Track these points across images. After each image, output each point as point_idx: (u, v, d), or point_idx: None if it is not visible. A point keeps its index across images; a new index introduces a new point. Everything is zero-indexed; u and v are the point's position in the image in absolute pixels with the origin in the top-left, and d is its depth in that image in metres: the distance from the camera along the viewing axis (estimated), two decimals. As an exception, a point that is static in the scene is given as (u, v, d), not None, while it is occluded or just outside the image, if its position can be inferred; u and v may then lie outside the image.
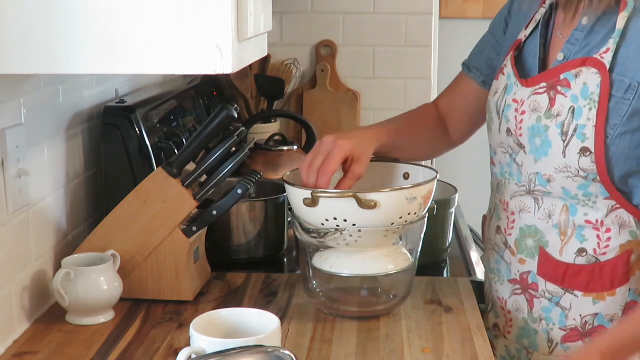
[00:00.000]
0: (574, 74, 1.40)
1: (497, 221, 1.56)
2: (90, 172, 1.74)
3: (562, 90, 1.41)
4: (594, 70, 1.38)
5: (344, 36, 2.72)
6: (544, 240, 1.47)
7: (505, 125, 1.50)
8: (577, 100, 1.39)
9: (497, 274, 1.58)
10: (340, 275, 1.48)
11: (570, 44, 1.44)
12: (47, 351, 1.36)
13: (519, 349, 1.55)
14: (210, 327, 1.20)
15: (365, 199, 1.39)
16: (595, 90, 1.37)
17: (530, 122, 1.45)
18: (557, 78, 1.42)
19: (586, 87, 1.38)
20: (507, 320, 1.57)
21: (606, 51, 1.37)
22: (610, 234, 1.42)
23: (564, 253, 1.45)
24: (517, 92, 1.49)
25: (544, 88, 1.44)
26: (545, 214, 1.46)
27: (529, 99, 1.46)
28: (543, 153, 1.43)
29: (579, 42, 1.43)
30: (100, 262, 1.48)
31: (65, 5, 1.12)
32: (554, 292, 1.47)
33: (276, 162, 2.16)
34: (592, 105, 1.37)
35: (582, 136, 1.38)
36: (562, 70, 1.42)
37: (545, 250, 1.47)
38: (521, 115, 1.47)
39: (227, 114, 1.51)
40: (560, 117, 1.40)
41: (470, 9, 3.33)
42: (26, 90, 1.44)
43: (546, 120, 1.42)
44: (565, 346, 1.48)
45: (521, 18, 1.58)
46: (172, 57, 1.13)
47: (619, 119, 1.36)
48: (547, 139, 1.42)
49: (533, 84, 1.46)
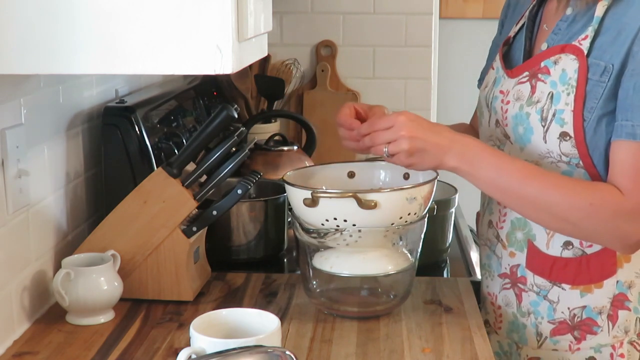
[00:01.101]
0: (553, 60, 1.42)
1: (489, 215, 1.58)
2: (90, 172, 1.74)
3: (542, 77, 1.43)
4: (572, 57, 1.39)
5: (344, 36, 2.72)
6: (531, 233, 1.48)
7: (494, 117, 1.53)
8: (556, 86, 1.41)
9: (488, 269, 1.59)
10: (340, 275, 1.48)
11: (554, 33, 1.46)
12: (47, 351, 1.36)
13: (510, 344, 1.56)
14: (210, 327, 1.20)
15: (365, 199, 1.40)
16: (573, 76, 1.39)
17: (514, 111, 1.47)
18: (538, 66, 1.44)
19: (564, 73, 1.40)
20: (496, 316, 1.58)
21: (584, 38, 1.39)
22: None
23: (551, 246, 1.46)
24: (504, 83, 1.51)
25: (526, 77, 1.46)
26: None
27: (513, 88, 1.48)
28: (527, 140, 1.44)
29: (562, 32, 1.45)
30: (100, 262, 1.48)
31: (65, 5, 1.12)
32: (541, 285, 1.48)
33: (276, 162, 2.16)
34: (569, 90, 1.39)
35: (561, 121, 1.39)
36: (542, 58, 1.44)
37: (533, 244, 1.48)
38: (506, 105, 1.49)
39: (227, 114, 1.51)
40: (540, 103, 1.42)
41: (470, 9, 3.33)
42: (26, 90, 1.44)
43: (527, 108, 1.44)
44: (554, 339, 1.49)
45: (514, 17, 1.62)
46: (172, 57, 1.13)
47: (595, 101, 1.37)
48: (528, 126, 1.43)
49: (517, 74, 1.49)
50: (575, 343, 1.48)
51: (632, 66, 1.33)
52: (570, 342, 1.48)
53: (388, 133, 1.39)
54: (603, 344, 1.47)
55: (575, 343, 1.48)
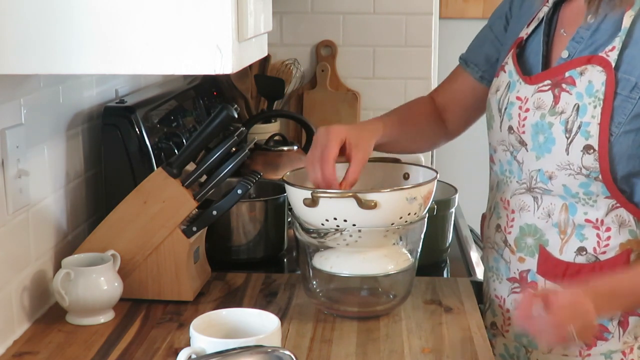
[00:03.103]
0: (579, 71, 1.40)
1: (497, 219, 1.57)
2: (90, 172, 1.74)
3: (567, 88, 1.41)
4: (599, 68, 1.38)
5: (344, 36, 2.72)
6: (543, 239, 1.47)
7: (507, 123, 1.50)
8: (582, 98, 1.39)
9: (496, 272, 1.58)
10: (340, 275, 1.48)
11: (575, 41, 1.44)
12: (47, 351, 1.36)
13: (518, 347, 1.55)
14: (210, 327, 1.20)
15: (365, 199, 1.39)
16: (600, 88, 1.37)
17: (534, 119, 1.45)
18: (562, 75, 1.42)
19: (591, 85, 1.38)
20: (504, 319, 1.57)
21: (612, 49, 1.37)
22: (610, 233, 1.42)
23: (564, 252, 1.45)
24: (521, 89, 1.48)
25: (548, 85, 1.44)
26: (545, 212, 1.46)
27: (532, 96, 1.46)
28: (546, 150, 1.43)
29: (585, 40, 1.43)
30: (100, 262, 1.48)
31: (65, 5, 1.12)
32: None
33: (276, 162, 2.16)
34: (596, 103, 1.37)
35: (586, 133, 1.38)
36: (567, 68, 1.42)
37: (545, 249, 1.47)
38: (525, 112, 1.47)
39: (227, 114, 1.51)
40: (565, 114, 1.40)
41: (470, 9, 3.33)
42: (26, 90, 1.44)
43: (550, 117, 1.42)
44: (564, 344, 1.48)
45: (522, 16, 1.58)
46: (172, 57, 1.13)
47: (623, 117, 1.36)
48: (550, 136, 1.42)
49: (537, 82, 1.46)
50: (585, 349, 1.46)
51: None
52: (580, 348, 1.47)
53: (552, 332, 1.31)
54: (613, 350, 1.46)
55: (586, 349, 1.46)
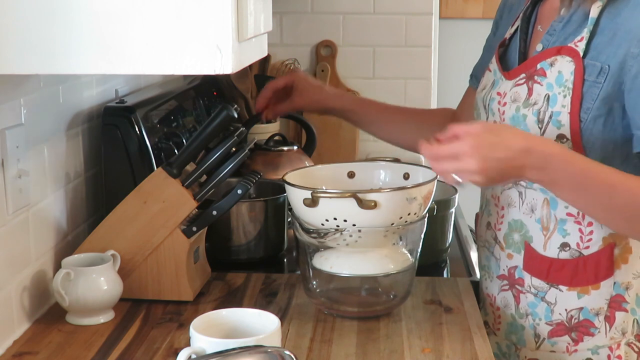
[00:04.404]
0: (549, 62, 1.42)
1: (488, 217, 1.58)
2: (90, 172, 1.74)
3: (539, 79, 1.43)
4: (569, 58, 1.40)
5: (344, 36, 2.72)
6: (528, 235, 1.48)
7: (491, 119, 1.53)
8: (552, 88, 1.41)
9: (487, 270, 1.59)
10: (340, 275, 1.48)
11: (549, 34, 1.46)
12: (47, 351, 1.36)
13: (509, 345, 1.56)
14: (210, 327, 1.20)
15: (365, 199, 1.40)
16: (569, 78, 1.39)
17: (511, 113, 1.47)
18: (534, 68, 1.45)
19: (561, 75, 1.40)
20: (495, 317, 1.58)
21: (580, 39, 1.39)
22: (592, 227, 1.43)
23: (548, 248, 1.46)
24: (501, 85, 1.51)
25: (523, 79, 1.47)
26: (529, 207, 1.47)
27: (510, 90, 1.48)
28: None
29: (557, 33, 1.45)
30: (100, 262, 1.48)
31: (65, 5, 1.12)
32: (539, 287, 1.48)
33: (276, 162, 2.16)
34: (566, 92, 1.39)
35: (558, 123, 1.39)
36: (538, 60, 1.44)
37: (530, 245, 1.48)
38: (503, 107, 1.49)
39: (227, 114, 1.51)
40: (537, 105, 1.42)
41: (470, 9, 3.34)
42: (26, 90, 1.44)
43: (524, 109, 1.44)
44: (551, 341, 1.49)
45: (510, 18, 1.62)
46: (172, 57, 1.13)
47: (591, 102, 1.37)
48: (525, 128, 1.43)
49: (514, 76, 1.49)
50: (572, 345, 1.48)
51: (635, 70, 1.32)
52: (567, 343, 1.48)
53: (454, 162, 1.30)
54: (600, 346, 1.47)
55: (573, 345, 1.48)
